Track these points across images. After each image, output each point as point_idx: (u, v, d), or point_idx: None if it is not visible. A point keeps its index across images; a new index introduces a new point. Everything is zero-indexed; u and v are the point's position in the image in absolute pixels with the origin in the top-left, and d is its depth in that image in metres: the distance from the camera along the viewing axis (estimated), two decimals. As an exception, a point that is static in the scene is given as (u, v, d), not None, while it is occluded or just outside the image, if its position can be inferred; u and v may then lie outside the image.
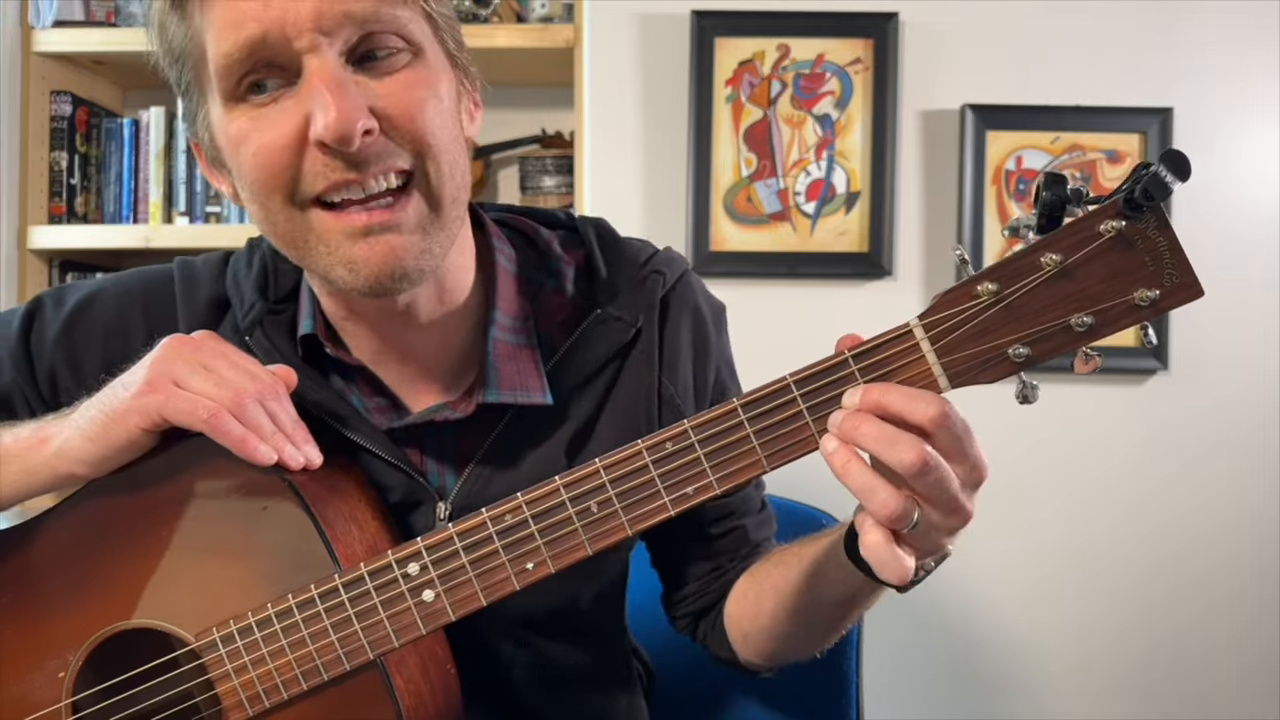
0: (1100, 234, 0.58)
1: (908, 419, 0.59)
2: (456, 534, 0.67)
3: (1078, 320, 0.59)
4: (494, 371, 0.77)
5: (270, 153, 0.64)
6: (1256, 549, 1.83)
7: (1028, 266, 0.59)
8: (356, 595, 0.68)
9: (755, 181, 1.84)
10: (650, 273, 0.83)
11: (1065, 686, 1.86)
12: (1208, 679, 1.84)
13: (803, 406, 0.63)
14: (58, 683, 0.73)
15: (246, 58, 0.63)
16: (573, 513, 0.65)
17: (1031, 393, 0.61)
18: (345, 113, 0.62)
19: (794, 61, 1.84)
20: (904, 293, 1.85)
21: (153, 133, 1.89)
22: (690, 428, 0.64)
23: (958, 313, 0.60)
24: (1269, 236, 1.82)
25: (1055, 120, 1.82)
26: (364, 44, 0.65)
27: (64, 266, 1.90)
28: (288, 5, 0.62)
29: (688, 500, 0.64)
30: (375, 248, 0.66)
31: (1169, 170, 0.57)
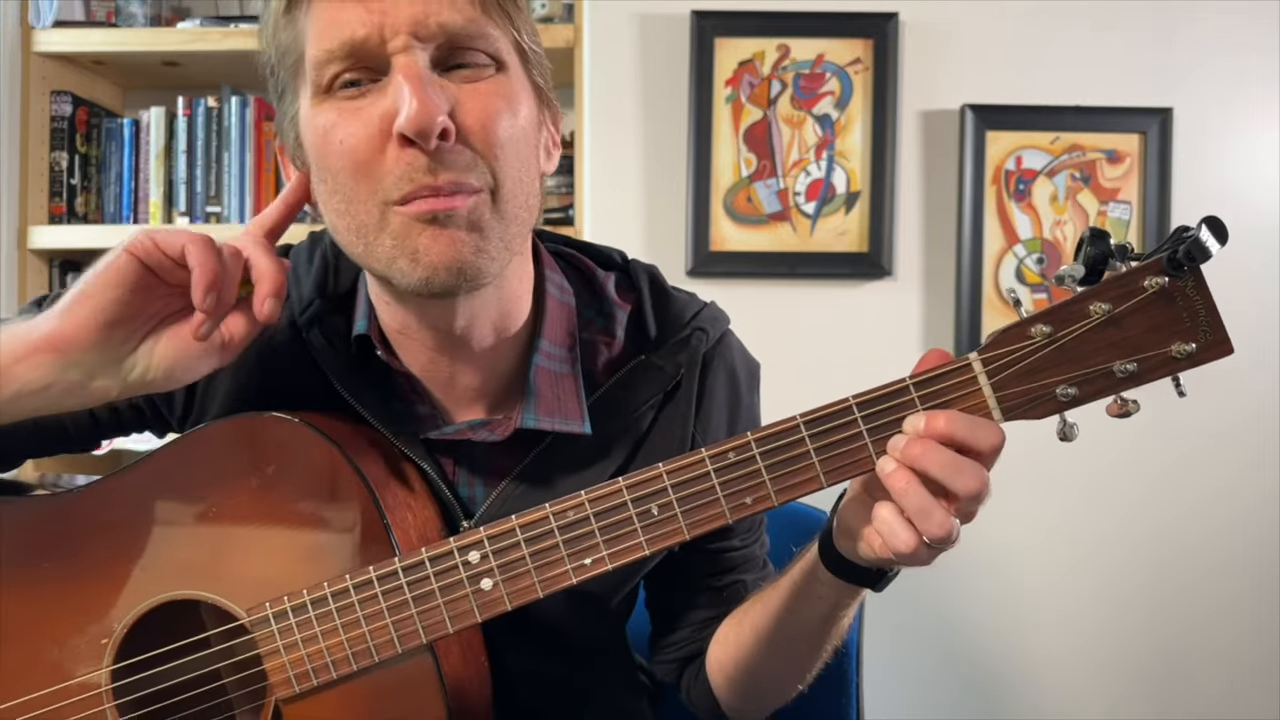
0: (1144, 288, 0.63)
1: (971, 446, 0.63)
2: (519, 526, 0.68)
3: (1120, 367, 0.63)
4: (534, 397, 0.78)
5: (357, 140, 0.67)
6: (1256, 549, 1.83)
7: (1079, 313, 0.64)
8: (415, 580, 0.69)
9: (755, 182, 1.84)
10: (695, 329, 0.85)
11: (1065, 686, 1.86)
12: (1207, 679, 1.84)
13: (863, 428, 0.65)
14: (100, 649, 0.73)
15: (344, 56, 0.67)
16: (634, 513, 0.67)
17: (1071, 431, 0.65)
18: (426, 106, 0.64)
19: (794, 61, 1.84)
20: (904, 293, 1.86)
21: (153, 133, 1.89)
22: (753, 440, 0.66)
23: (1013, 350, 0.65)
24: (1269, 236, 1.82)
25: (1055, 120, 1.82)
26: (453, 55, 0.68)
27: (64, 266, 1.90)
28: (388, 10, 0.66)
29: (745, 509, 0.67)
30: (440, 239, 0.67)
31: (1211, 235, 0.61)
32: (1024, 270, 1.84)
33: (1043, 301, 1.82)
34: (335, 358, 0.78)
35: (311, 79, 0.69)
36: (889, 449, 0.64)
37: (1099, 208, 1.83)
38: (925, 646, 1.84)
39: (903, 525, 0.64)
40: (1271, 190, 1.82)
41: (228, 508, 0.73)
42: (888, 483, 0.63)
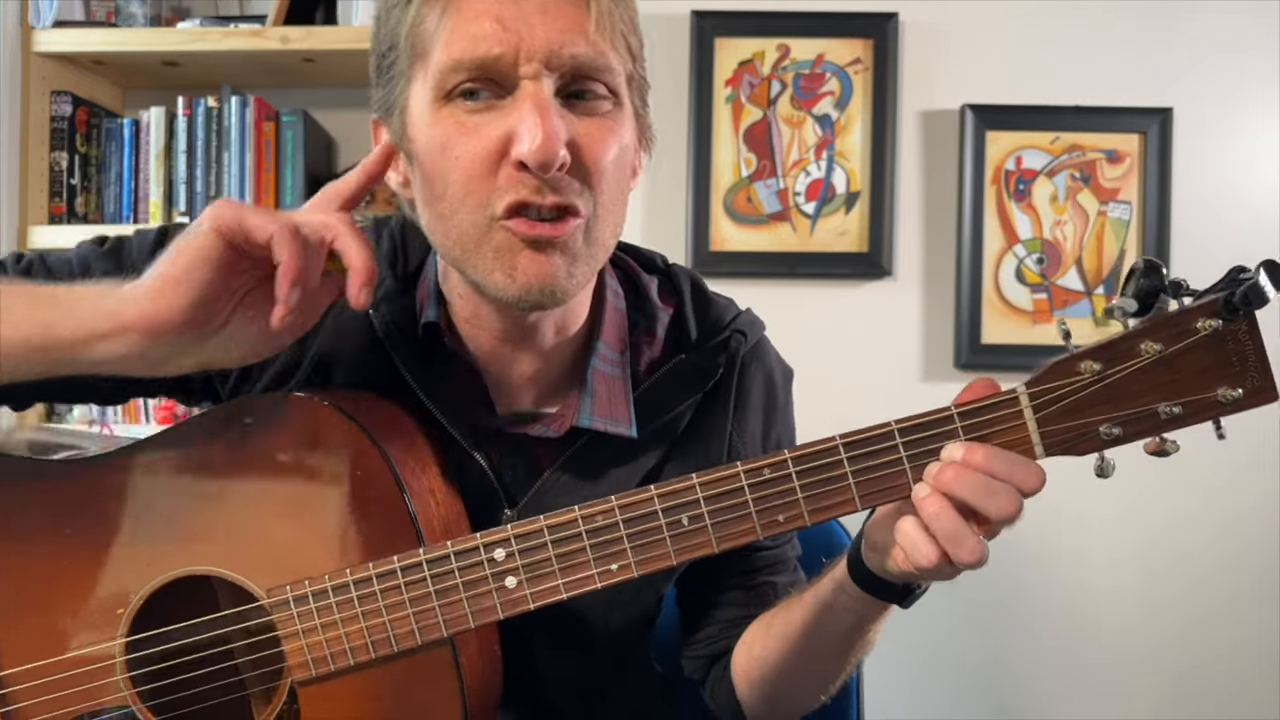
0: (1197, 330, 0.62)
1: (1010, 482, 0.63)
2: (547, 527, 0.68)
3: (1165, 409, 0.63)
4: (591, 398, 0.80)
5: (473, 159, 0.69)
6: (1255, 549, 1.83)
7: (1128, 351, 0.63)
8: (440, 573, 0.69)
9: (755, 182, 1.84)
10: (734, 331, 0.87)
11: (1064, 686, 1.86)
12: (1208, 679, 1.84)
13: (903, 454, 0.65)
14: (115, 619, 0.73)
15: (473, 69, 0.68)
16: (663, 522, 0.67)
17: (1108, 468, 0.65)
18: (551, 140, 0.66)
19: (794, 62, 1.84)
20: (904, 293, 1.86)
21: (153, 133, 1.89)
22: (790, 458, 0.66)
23: (1061, 385, 0.64)
24: (1269, 236, 1.82)
25: (1055, 120, 1.82)
26: (575, 84, 0.70)
27: (64, 266, 1.91)
28: (524, 34, 0.67)
29: (777, 526, 0.66)
30: (537, 262, 0.70)
31: (1270, 279, 0.60)
32: (1024, 270, 1.84)
33: (1044, 303, 1.82)
34: (401, 338, 0.80)
35: (433, 81, 0.70)
36: (925, 476, 0.64)
37: (1099, 208, 1.84)
38: (926, 646, 1.84)
39: (925, 539, 0.64)
40: (1271, 190, 1.82)
41: (252, 486, 0.73)
42: (920, 507, 0.63)
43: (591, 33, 0.69)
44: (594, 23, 0.69)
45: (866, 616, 0.77)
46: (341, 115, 1.95)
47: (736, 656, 0.90)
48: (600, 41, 0.69)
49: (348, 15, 1.78)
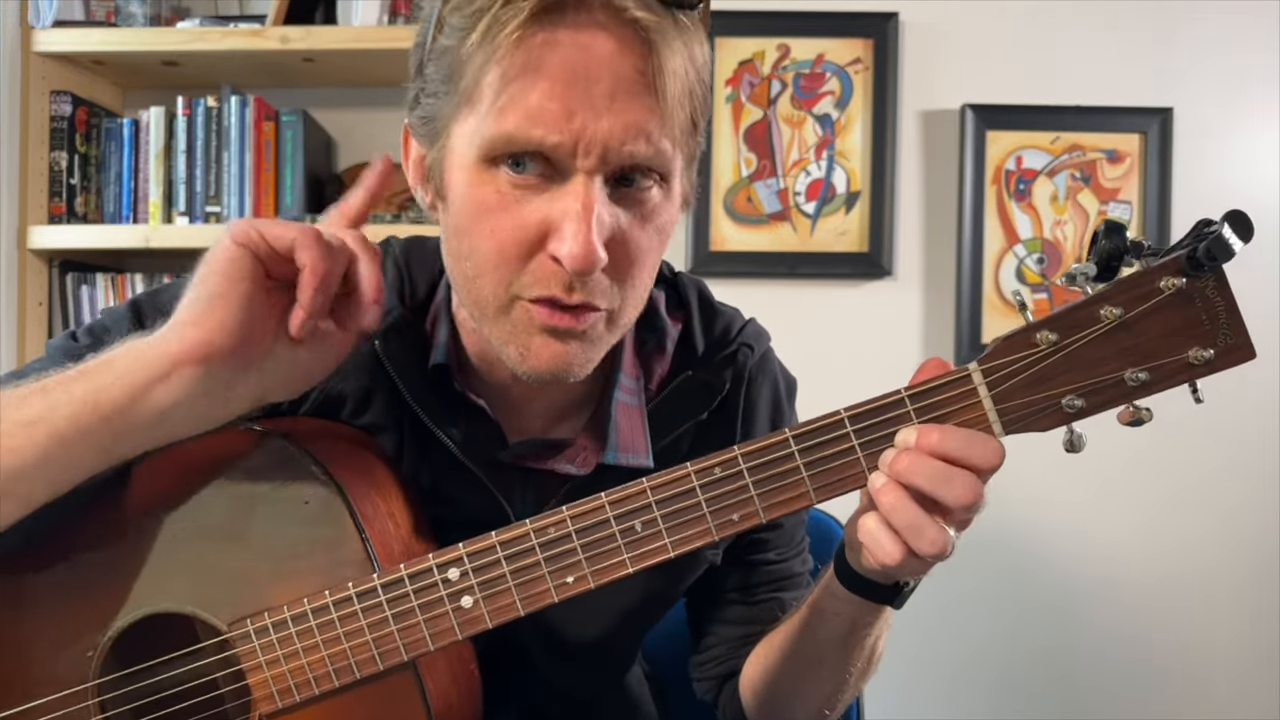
0: (1160, 290, 0.59)
1: (966, 463, 0.60)
2: (499, 543, 0.67)
3: (1132, 375, 0.59)
4: (615, 434, 0.78)
5: (509, 238, 0.66)
6: (1255, 549, 1.83)
7: (1087, 318, 0.60)
8: (395, 597, 0.68)
9: (755, 181, 1.84)
10: (741, 344, 0.85)
11: (1065, 686, 1.86)
12: (1207, 679, 1.84)
13: (855, 442, 0.63)
14: (86, 662, 0.73)
15: (526, 149, 0.64)
16: (616, 530, 0.66)
17: (1078, 442, 0.62)
18: (593, 251, 0.63)
19: (794, 61, 1.84)
20: (904, 293, 1.86)
21: (153, 133, 1.89)
22: (740, 454, 0.64)
23: (1016, 359, 0.61)
24: (1269, 236, 1.82)
25: (1055, 120, 1.82)
26: (628, 173, 0.66)
27: (64, 266, 1.90)
28: (588, 126, 0.62)
29: (732, 526, 0.65)
30: (552, 347, 0.68)
31: (1234, 231, 0.58)
32: (1024, 270, 1.84)
33: (1044, 303, 1.82)
34: (411, 371, 0.77)
35: (481, 142, 0.65)
36: (880, 464, 0.62)
37: (1099, 208, 1.83)
38: (926, 646, 1.84)
39: (887, 535, 0.62)
40: (1272, 190, 1.83)
41: (210, 521, 0.72)
42: (877, 499, 0.62)
43: (656, 132, 0.64)
44: (663, 118, 0.64)
45: (859, 620, 0.75)
46: (341, 115, 1.95)
47: (744, 673, 0.89)
48: (662, 140, 0.65)
49: (347, 15, 1.78)
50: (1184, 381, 0.60)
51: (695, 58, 0.67)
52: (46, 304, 1.90)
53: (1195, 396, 0.61)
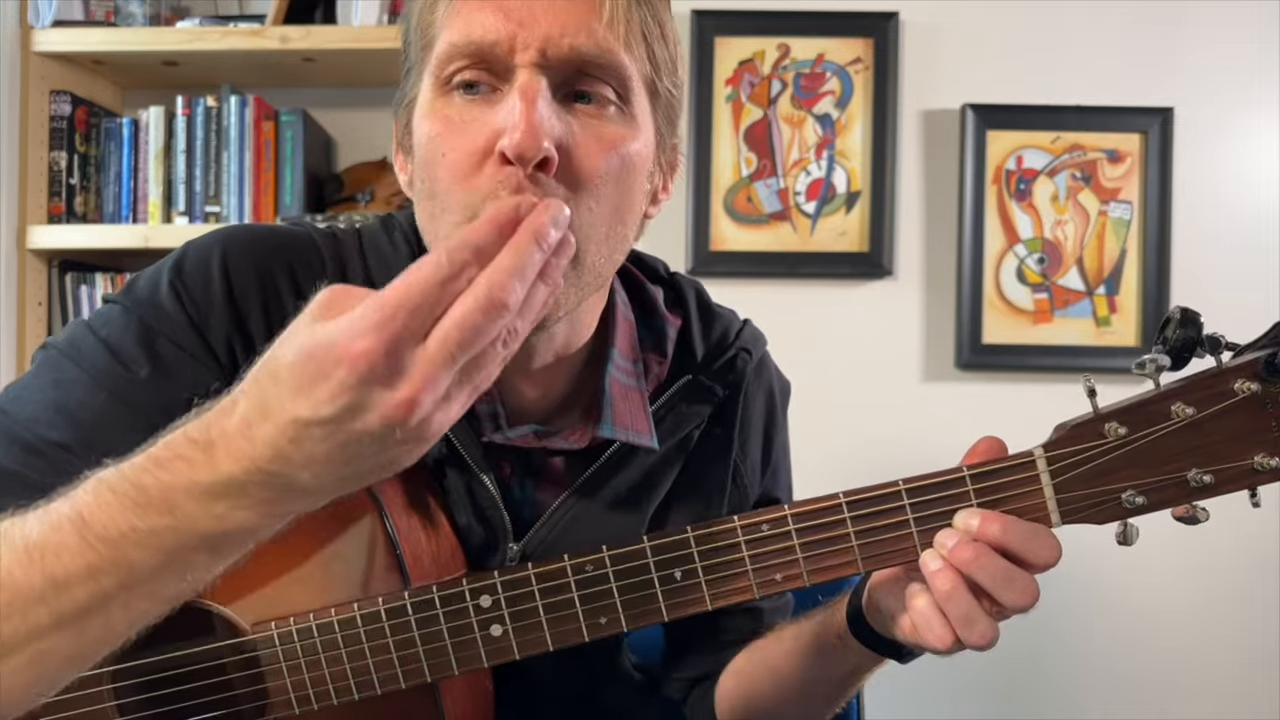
0: (1234, 392, 0.58)
1: (1023, 558, 0.60)
2: (534, 575, 0.66)
3: (1195, 476, 0.59)
4: (610, 408, 0.77)
5: (461, 155, 0.65)
6: (1256, 550, 1.83)
7: (1158, 414, 0.59)
8: (424, 617, 0.67)
9: (755, 181, 1.84)
10: (740, 349, 0.85)
11: (1064, 687, 1.85)
12: (1209, 679, 1.84)
13: (910, 516, 0.62)
14: None
15: (470, 55, 0.65)
16: (655, 576, 0.65)
17: (1131, 534, 0.61)
18: (533, 132, 0.61)
19: (794, 61, 1.83)
20: (904, 293, 1.85)
21: (152, 133, 1.89)
22: (790, 514, 0.63)
23: (1082, 449, 0.60)
24: (1269, 236, 1.81)
25: (1055, 120, 1.82)
26: (579, 81, 0.66)
27: (63, 266, 1.90)
28: (524, 21, 0.64)
29: (774, 586, 0.63)
30: None
31: None
32: (1025, 270, 1.83)
33: (1044, 302, 1.82)
34: None
35: (433, 68, 0.67)
36: (936, 544, 0.61)
37: (1100, 207, 1.83)
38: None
39: (940, 622, 0.61)
40: (1272, 190, 1.82)
41: None
42: (932, 582, 0.60)
43: (599, 28, 0.64)
44: (605, 18, 0.64)
45: (861, 667, 0.75)
46: (341, 115, 1.95)
47: (723, 685, 0.89)
48: (609, 38, 0.65)
49: (347, 15, 1.78)
50: (1246, 487, 0.60)
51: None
52: (46, 304, 1.90)
53: (1254, 501, 0.61)
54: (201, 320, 0.72)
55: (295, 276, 0.74)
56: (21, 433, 0.67)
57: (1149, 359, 0.59)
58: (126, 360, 0.70)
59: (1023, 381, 1.80)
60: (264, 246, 0.74)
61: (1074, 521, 0.61)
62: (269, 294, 0.73)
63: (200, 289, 0.72)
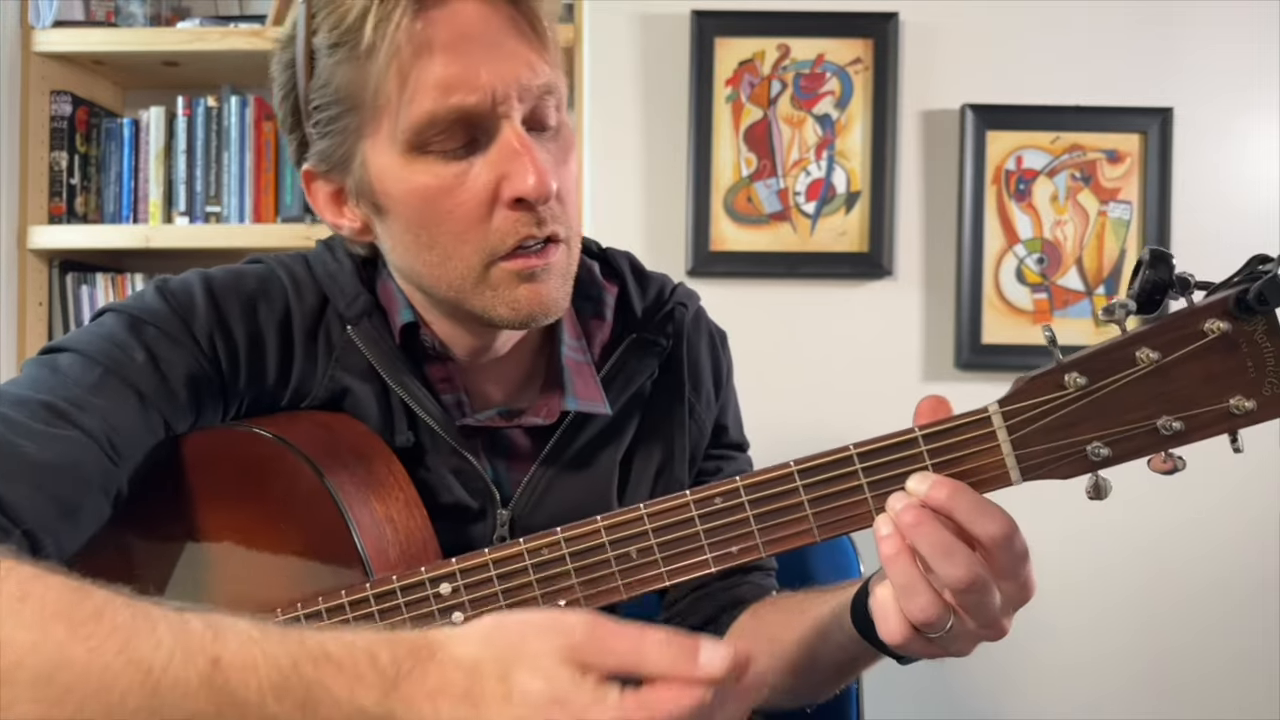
0: (1204, 333, 0.54)
1: (968, 529, 0.58)
2: (492, 560, 0.67)
3: (1165, 423, 0.56)
4: (571, 383, 0.82)
5: (467, 210, 0.71)
6: (1256, 550, 1.83)
7: (1121, 360, 0.56)
8: (387, 608, 0.68)
9: (755, 181, 1.84)
10: (676, 303, 0.90)
11: (1064, 687, 1.85)
12: (1208, 679, 1.84)
13: (863, 480, 0.60)
14: None
15: (453, 122, 0.69)
16: (611, 555, 0.65)
17: (1104, 487, 0.58)
18: (546, 174, 0.69)
19: (794, 61, 1.84)
20: (904, 293, 1.85)
21: (152, 133, 1.89)
22: (742, 486, 0.62)
23: (1041, 403, 0.57)
24: (1269, 236, 1.81)
25: (1055, 120, 1.82)
26: (537, 112, 0.72)
27: (64, 266, 1.91)
28: (495, 76, 0.68)
29: (731, 559, 0.63)
30: (534, 290, 0.74)
31: None
32: (1024, 270, 1.83)
33: (1044, 302, 1.82)
34: (382, 346, 0.80)
35: (404, 136, 0.69)
36: (887, 507, 0.60)
37: (1099, 208, 1.83)
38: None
39: (895, 611, 0.60)
40: (1273, 190, 1.82)
41: (206, 524, 0.73)
42: (880, 547, 0.59)
43: (546, 63, 0.71)
44: (544, 49, 0.71)
45: (860, 659, 0.75)
46: (341, 115, 1.95)
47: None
48: (546, 66, 0.72)
49: (347, 15, 1.78)
50: (1223, 431, 0.56)
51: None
52: (46, 304, 1.90)
53: (1235, 446, 0.57)
54: (186, 315, 0.76)
55: (270, 297, 0.80)
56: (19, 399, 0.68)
57: (1116, 303, 0.55)
58: (121, 345, 0.73)
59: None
60: (239, 274, 0.81)
61: (1037, 478, 0.58)
62: (248, 312, 0.79)
63: (185, 295, 0.78)
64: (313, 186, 0.79)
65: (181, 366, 0.74)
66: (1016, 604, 0.61)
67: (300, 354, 0.80)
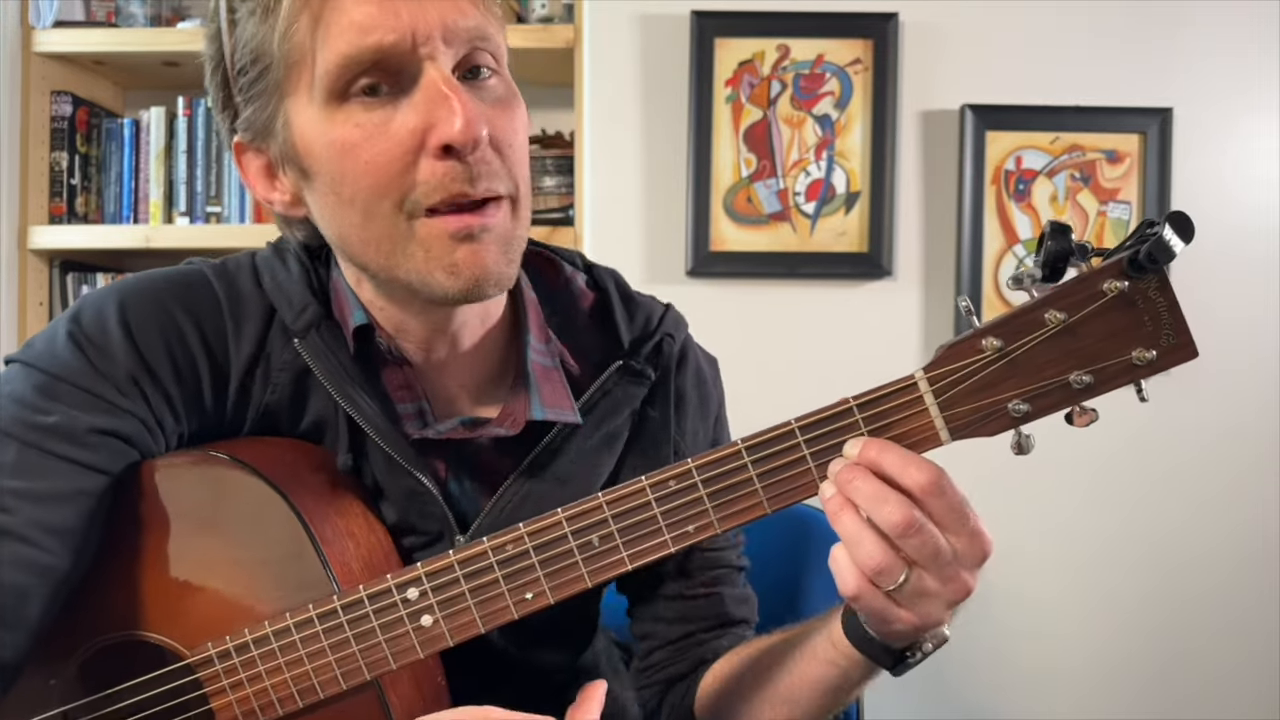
0: (1103, 293, 0.60)
1: (898, 481, 0.61)
2: (457, 561, 0.67)
3: (1076, 378, 0.61)
4: (536, 389, 0.78)
5: (388, 159, 0.66)
6: (1257, 549, 1.83)
7: (1031, 323, 0.61)
8: (355, 618, 0.68)
9: (755, 182, 1.84)
10: (664, 334, 0.86)
11: (1064, 686, 1.86)
12: (1208, 679, 1.84)
13: (806, 452, 0.64)
14: (50, 690, 0.73)
15: (368, 61, 0.65)
16: (574, 545, 0.66)
17: (1026, 443, 0.63)
18: (473, 117, 0.64)
19: (794, 62, 1.84)
20: (904, 293, 1.86)
21: (153, 133, 1.89)
22: (694, 467, 0.65)
23: (961, 367, 0.62)
24: (1269, 236, 1.82)
25: (1055, 120, 1.82)
26: (468, 59, 0.68)
27: (64, 266, 1.91)
28: (416, 15, 0.64)
29: (688, 538, 0.66)
30: (475, 252, 0.68)
31: (1175, 233, 0.59)
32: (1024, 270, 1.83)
33: (1043, 301, 1.82)
34: (331, 359, 0.76)
35: (323, 84, 0.66)
36: (829, 473, 0.63)
37: (1099, 208, 1.84)
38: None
39: (847, 563, 0.63)
40: (1272, 189, 1.82)
41: (173, 548, 0.72)
42: (826, 508, 0.63)
43: (478, 9, 0.67)
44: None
45: (852, 675, 0.75)
46: (341, 115, 1.95)
47: (703, 688, 0.89)
48: (476, 11, 0.67)
49: (348, 15, 1.78)
50: (1128, 382, 0.61)
51: None
52: (47, 304, 1.90)
53: (1140, 396, 0.61)
54: (104, 364, 0.71)
55: (197, 317, 0.75)
56: None
57: (1022, 273, 0.61)
58: (33, 408, 0.69)
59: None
60: (160, 293, 0.75)
61: (964, 436, 0.63)
62: (171, 336, 0.74)
63: (99, 335, 0.72)
64: (243, 160, 0.75)
65: (105, 421, 0.70)
66: (976, 559, 0.64)
67: (237, 374, 0.76)
